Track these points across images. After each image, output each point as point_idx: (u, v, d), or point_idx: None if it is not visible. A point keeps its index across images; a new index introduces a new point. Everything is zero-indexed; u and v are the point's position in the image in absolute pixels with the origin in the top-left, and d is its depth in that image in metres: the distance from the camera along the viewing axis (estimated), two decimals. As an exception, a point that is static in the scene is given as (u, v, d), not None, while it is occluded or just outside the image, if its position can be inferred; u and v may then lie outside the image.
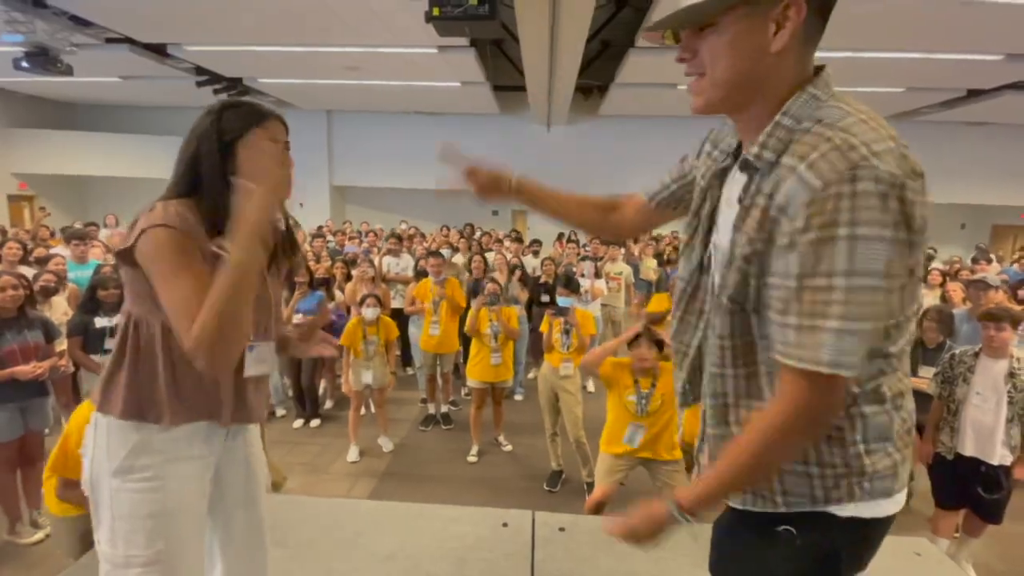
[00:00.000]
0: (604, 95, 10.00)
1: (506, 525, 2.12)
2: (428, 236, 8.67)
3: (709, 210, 0.96)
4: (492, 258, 5.96)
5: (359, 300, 4.18)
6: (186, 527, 1.15)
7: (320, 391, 4.92)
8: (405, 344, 5.17)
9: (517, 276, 5.33)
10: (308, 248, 6.60)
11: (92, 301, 3.29)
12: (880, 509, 0.85)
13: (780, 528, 0.85)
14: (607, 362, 2.86)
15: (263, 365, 1.25)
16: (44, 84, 10.33)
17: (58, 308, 3.76)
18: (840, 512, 0.84)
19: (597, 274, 5.70)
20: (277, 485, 2.94)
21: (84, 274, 4.38)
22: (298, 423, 4.60)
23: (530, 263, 6.77)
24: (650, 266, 8.04)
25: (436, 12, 4.12)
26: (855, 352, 0.73)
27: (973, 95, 8.72)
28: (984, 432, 2.64)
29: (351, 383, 4.00)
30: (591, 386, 5.33)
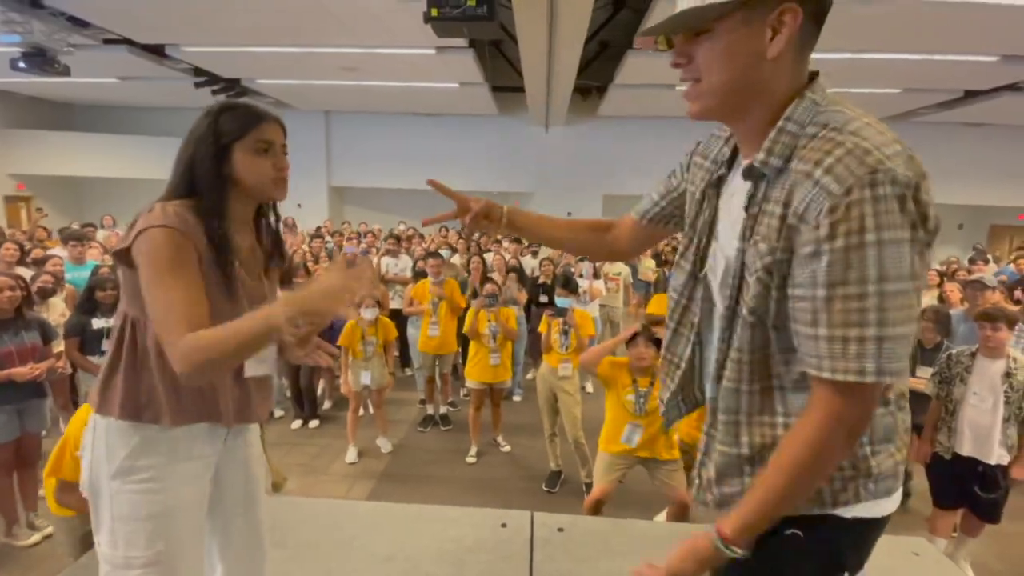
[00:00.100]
0: (603, 96, 10.01)
1: (505, 526, 2.11)
2: (427, 237, 8.67)
3: (705, 221, 0.95)
4: (491, 259, 5.96)
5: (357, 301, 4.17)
6: (186, 528, 1.15)
7: (318, 392, 4.91)
8: (404, 345, 5.16)
9: (514, 278, 5.32)
10: (307, 249, 6.60)
11: (89, 302, 3.28)
12: (881, 508, 0.86)
13: (787, 532, 0.84)
14: (605, 361, 2.86)
15: (263, 366, 1.25)
16: (41, 85, 10.31)
17: (55, 309, 3.76)
18: (846, 514, 0.84)
19: (595, 275, 5.70)
20: (278, 486, 2.94)
21: (81, 275, 4.36)
22: (296, 424, 4.60)
23: (529, 264, 6.78)
24: (648, 267, 8.06)
25: (434, 13, 4.12)
26: (900, 358, 0.72)
27: (970, 96, 8.75)
28: (981, 432, 2.65)
29: (349, 384, 4.00)
30: (590, 387, 5.34)
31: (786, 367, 0.83)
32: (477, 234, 8.88)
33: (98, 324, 3.25)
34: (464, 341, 4.47)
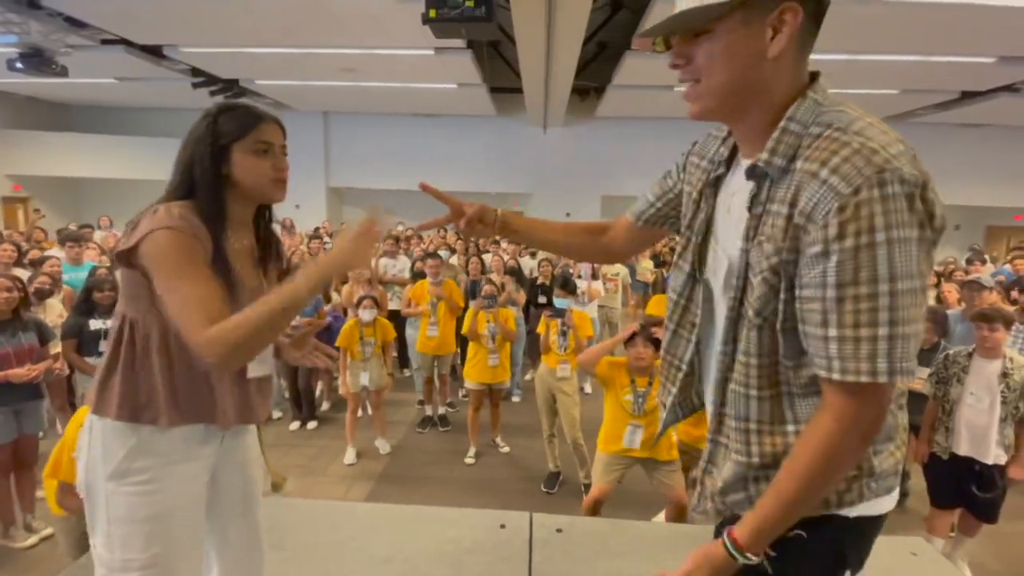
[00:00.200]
0: (601, 97, 10.01)
1: (504, 527, 2.11)
2: (425, 238, 8.66)
3: (703, 221, 0.95)
4: (489, 259, 5.96)
5: (356, 302, 4.18)
6: (184, 530, 1.14)
7: (317, 393, 4.91)
8: (402, 346, 5.16)
9: (511, 280, 5.32)
10: (305, 249, 6.59)
11: (87, 303, 3.28)
12: (882, 506, 0.86)
13: (792, 533, 0.83)
14: (604, 361, 2.87)
15: (264, 366, 1.24)
16: (39, 85, 10.29)
17: (53, 310, 3.74)
18: (850, 513, 0.84)
19: (594, 275, 5.71)
20: (277, 486, 2.94)
21: (79, 276, 4.35)
22: (294, 425, 4.59)
23: (527, 264, 6.78)
24: (647, 267, 8.07)
25: (432, 14, 4.12)
26: (910, 357, 0.72)
27: (967, 97, 8.77)
28: (978, 432, 2.65)
29: (348, 385, 4.00)
30: (588, 387, 5.34)
31: (795, 372, 0.82)
32: (475, 235, 8.87)
33: (96, 325, 3.24)
34: (463, 342, 4.47)
